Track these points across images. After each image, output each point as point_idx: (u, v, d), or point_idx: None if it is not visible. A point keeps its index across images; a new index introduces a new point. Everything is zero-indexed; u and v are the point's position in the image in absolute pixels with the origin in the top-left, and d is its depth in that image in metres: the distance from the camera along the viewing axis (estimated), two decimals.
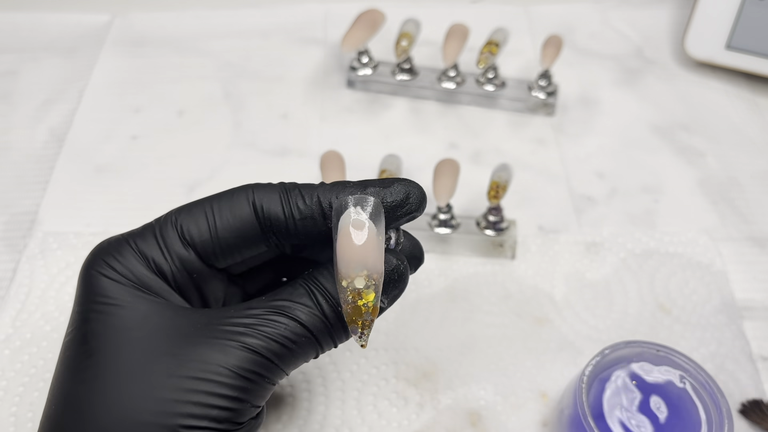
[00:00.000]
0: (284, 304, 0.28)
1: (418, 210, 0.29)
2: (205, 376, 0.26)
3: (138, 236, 0.29)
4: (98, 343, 0.27)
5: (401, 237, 0.30)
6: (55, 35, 0.59)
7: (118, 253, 0.29)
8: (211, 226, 0.29)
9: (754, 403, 0.38)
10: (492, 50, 0.49)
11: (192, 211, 0.29)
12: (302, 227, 0.29)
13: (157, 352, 0.26)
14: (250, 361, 0.27)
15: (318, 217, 0.29)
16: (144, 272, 0.29)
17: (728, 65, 0.55)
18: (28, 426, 0.36)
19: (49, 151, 0.51)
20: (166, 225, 0.29)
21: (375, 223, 0.27)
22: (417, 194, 0.29)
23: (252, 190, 0.30)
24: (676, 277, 0.43)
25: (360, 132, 0.52)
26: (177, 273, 0.29)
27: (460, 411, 0.38)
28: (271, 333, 0.27)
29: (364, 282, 0.26)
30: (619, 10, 0.63)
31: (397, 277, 0.28)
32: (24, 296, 0.42)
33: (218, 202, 0.29)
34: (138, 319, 0.27)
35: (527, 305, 0.42)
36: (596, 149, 0.51)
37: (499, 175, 0.42)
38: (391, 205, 0.28)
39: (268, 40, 0.59)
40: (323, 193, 0.29)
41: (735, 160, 0.51)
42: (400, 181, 0.29)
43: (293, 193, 0.29)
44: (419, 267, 0.31)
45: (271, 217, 0.29)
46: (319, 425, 0.37)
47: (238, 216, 0.29)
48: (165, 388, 0.26)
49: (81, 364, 0.27)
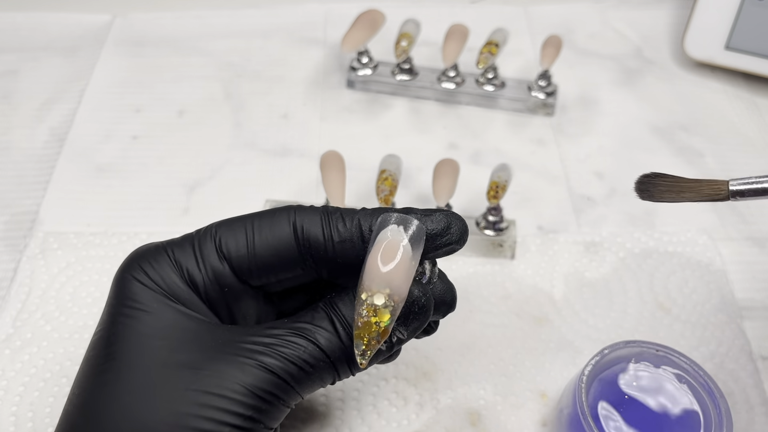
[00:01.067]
0: (304, 326, 0.28)
1: (459, 242, 0.29)
2: (220, 392, 0.26)
3: (176, 245, 0.30)
4: (121, 347, 0.27)
5: (436, 274, 0.30)
6: (56, 35, 0.59)
7: (154, 259, 0.29)
8: (249, 242, 0.29)
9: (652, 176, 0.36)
10: (492, 50, 0.50)
11: (232, 226, 0.30)
12: (340, 250, 0.29)
13: (177, 364, 0.27)
14: (267, 381, 0.27)
15: (357, 240, 0.28)
16: (176, 281, 0.29)
17: (727, 65, 0.55)
18: (28, 426, 0.36)
19: (49, 150, 0.51)
20: (206, 237, 0.29)
21: (412, 245, 0.27)
22: (459, 225, 0.29)
23: (294, 211, 0.30)
24: (676, 276, 0.44)
25: (360, 132, 0.52)
26: (209, 285, 0.29)
27: (459, 411, 0.38)
28: (288, 354, 0.27)
29: (383, 300, 0.26)
30: (618, 10, 0.63)
31: (417, 309, 0.28)
32: (24, 296, 0.42)
33: (259, 220, 0.29)
34: (162, 328, 0.28)
35: (527, 305, 0.42)
36: (596, 149, 0.51)
37: (499, 175, 0.42)
38: (431, 233, 0.28)
39: (268, 40, 0.59)
40: (364, 217, 0.29)
41: (734, 160, 0.51)
42: (443, 212, 0.29)
43: (334, 216, 0.29)
44: (447, 314, 0.30)
45: (310, 238, 0.29)
46: (319, 425, 0.37)
47: (277, 235, 0.29)
48: (181, 401, 0.26)
49: (103, 366, 0.27)
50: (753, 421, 0.38)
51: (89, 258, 0.44)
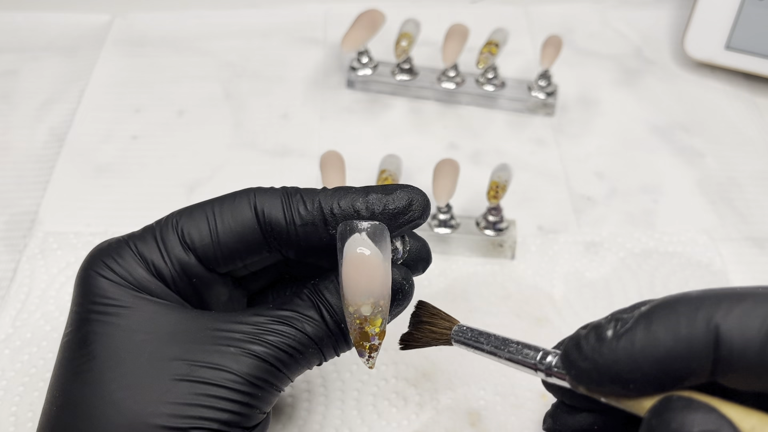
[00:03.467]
0: (291, 315, 0.28)
1: (422, 217, 0.29)
2: (217, 381, 0.26)
3: (138, 238, 0.29)
4: (101, 345, 0.27)
5: (407, 244, 0.30)
6: (55, 35, 0.59)
7: (117, 254, 0.29)
8: (212, 231, 0.29)
9: None
10: (492, 50, 0.50)
11: (193, 215, 0.29)
12: (303, 233, 0.28)
13: (168, 356, 0.27)
14: (260, 369, 0.27)
15: (319, 223, 0.28)
16: (144, 275, 0.28)
17: (727, 65, 0.55)
18: (28, 426, 0.36)
19: (49, 151, 0.51)
20: (167, 228, 0.29)
21: (380, 248, 0.27)
22: (420, 201, 0.28)
23: (254, 194, 0.29)
24: (676, 276, 0.44)
25: (360, 132, 0.52)
26: (177, 277, 0.29)
27: (459, 411, 0.38)
28: (278, 343, 0.27)
29: (371, 309, 0.26)
30: (618, 10, 0.63)
31: (401, 296, 0.28)
32: (24, 296, 0.42)
33: (220, 206, 0.29)
34: (143, 321, 0.27)
35: (527, 305, 0.42)
36: (596, 149, 0.51)
37: (499, 175, 0.42)
38: (394, 212, 0.28)
39: (268, 40, 0.59)
40: (325, 198, 0.28)
41: (734, 160, 0.51)
42: (402, 188, 0.28)
43: (295, 198, 0.29)
44: (427, 268, 0.31)
45: (272, 223, 0.28)
46: (318, 425, 0.37)
47: (240, 221, 0.29)
48: (176, 392, 0.26)
49: (83, 367, 0.27)
50: None
51: None
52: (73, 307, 0.29)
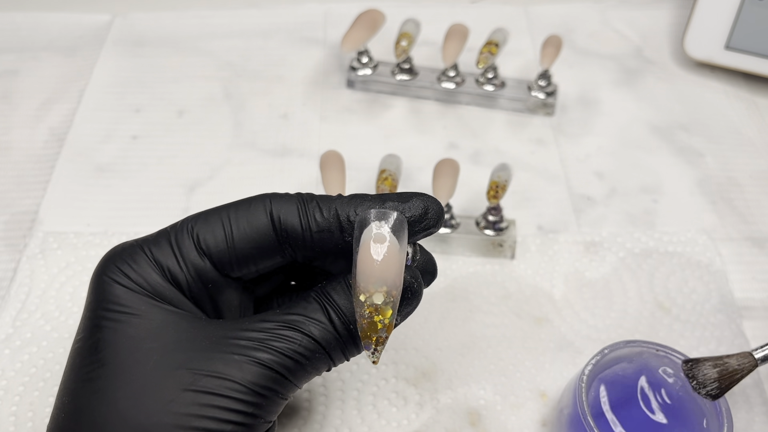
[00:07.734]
0: (298, 319, 0.28)
1: (436, 225, 0.29)
2: (221, 391, 0.26)
3: (152, 243, 0.29)
4: (111, 353, 0.27)
5: (418, 252, 0.30)
6: (55, 35, 0.59)
7: (132, 259, 0.28)
8: (228, 236, 0.29)
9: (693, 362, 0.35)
10: (492, 50, 0.50)
11: (208, 220, 0.29)
12: (319, 240, 0.28)
13: (173, 365, 0.26)
14: (265, 377, 0.26)
15: (335, 230, 0.28)
16: (159, 281, 0.28)
17: (727, 65, 0.55)
18: (28, 426, 0.36)
19: (49, 150, 0.51)
20: (182, 233, 0.29)
21: (398, 238, 0.27)
22: (435, 209, 0.29)
23: (270, 200, 0.29)
24: (676, 276, 0.44)
25: (360, 132, 0.52)
26: (192, 283, 0.29)
27: (459, 411, 0.38)
28: (284, 349, 0.27)
29: (383, 298, 0.26)
30: (618, 10, 0.63)
31: (411, 294, 0.28)
32: (24, 296, 0.42)
33: (235, 212, 0.29)
34: (152, 330, 0.27)
35: (527, 305, 0.42)
36: (595, 149, 0.51)
37: (499, 175, 0.42)
38: (410, 220, 0.28)
39: (268, 40, 0.59)
40: (341, 206, 0.28)
41: (734, 160, 0.51)
42: (418, 196, 0.28)
43: (311, 205, 0.29)
44: (431, 282, 0.31)
45: (288, 229, 0.28)
46: (319, 425, 0.37)
47: (255, 227, 0.29)
48: (181, 402, 0.26)
49: (93, 374, 0.27)
50: (753, 421, 0.38)
51: (89, 258, 0.44)
52: (85, 312, 0.28)
